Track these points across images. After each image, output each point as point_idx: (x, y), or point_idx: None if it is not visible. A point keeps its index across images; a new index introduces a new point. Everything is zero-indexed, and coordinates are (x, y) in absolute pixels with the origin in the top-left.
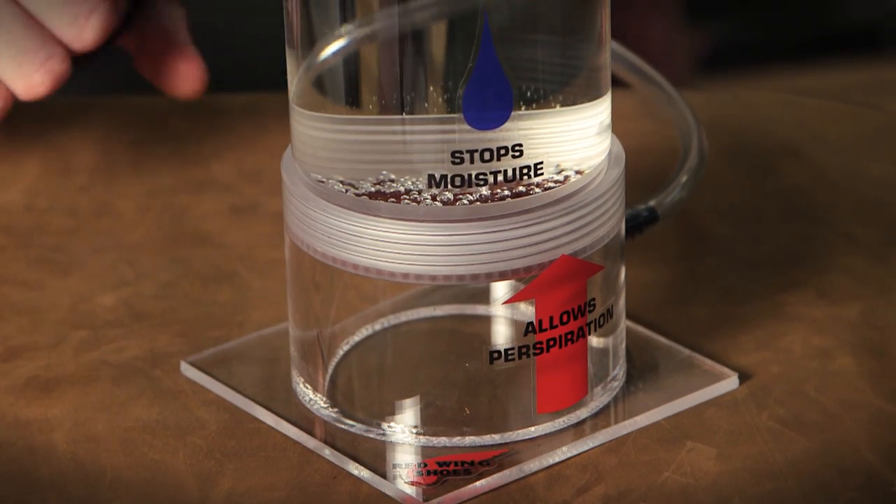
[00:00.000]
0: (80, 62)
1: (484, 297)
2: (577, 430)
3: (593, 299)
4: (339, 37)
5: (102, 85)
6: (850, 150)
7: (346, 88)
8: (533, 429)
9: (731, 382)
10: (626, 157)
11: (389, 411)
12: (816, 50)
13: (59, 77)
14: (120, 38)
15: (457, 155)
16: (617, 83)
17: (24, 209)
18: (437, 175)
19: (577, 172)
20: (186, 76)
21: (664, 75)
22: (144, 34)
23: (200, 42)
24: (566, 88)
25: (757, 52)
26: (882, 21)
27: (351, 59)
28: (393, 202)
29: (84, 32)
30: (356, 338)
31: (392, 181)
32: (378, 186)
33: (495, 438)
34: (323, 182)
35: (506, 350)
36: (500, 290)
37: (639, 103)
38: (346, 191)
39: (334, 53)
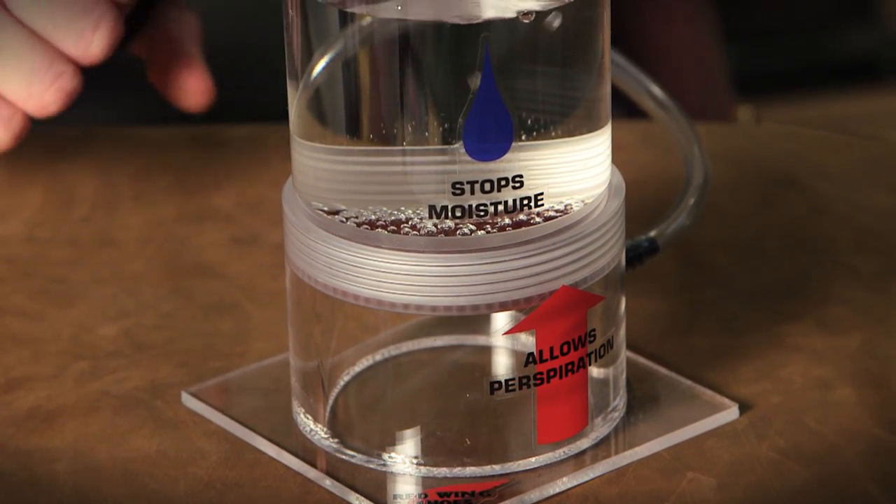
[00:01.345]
0: (89, 69)
1: (484, 327)
2: (578, 460)
3: (594, 330)
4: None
5: (104, 116)
6: (850, 181)
7: (347, 119)
8: (533, 459)
9: (731, 413)
10: (626, 187)
11: (390, 442)
12: (816, 80)
13: (71, 93)
14: (130, 46)
15: (457, 186)
16: (617, 114)
17: (25, 240)
18: (437, 206)
19: (578, 203)
20: (192, 89)
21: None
22: (153, 43)
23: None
24: (566, 119)
25: (756, 83)
26: (881, 51)
27: (351, 90)
28: (394, 233)
29: (91, 47)
30: (357, 368)
31: (393, 212)
32: (379, 217)
33: (496, 469)
34: (324, 213)
35: (506, 380)
36: (501, 320)
37: (639, 134)
38: (347, 221)
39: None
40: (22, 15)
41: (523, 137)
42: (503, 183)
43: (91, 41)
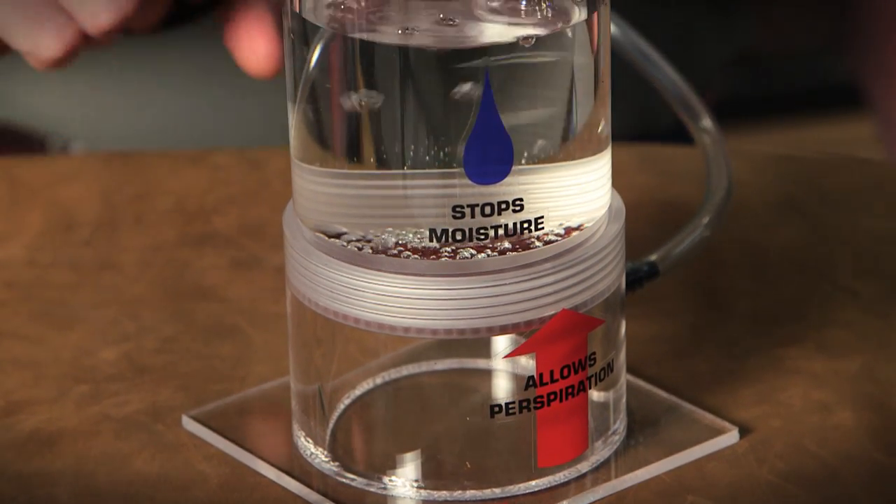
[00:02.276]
0: (174, 21)
1: (485, 350)
2: (578, 484)
3: (594, 353)
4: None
5: (104, 139)
6: (850, 204)
7: (347, 143)
8: (534, 483)
9: (731, 436)
10: (626, 211)
11: (390, 465)
12: (815, 103)
13: (127, 13)
14: (215, 9)
15: (457, 209)
16: (617, 139)
17: (25, 264)
18: (437, 229)
19: (578, 227)
20: (260, 53)
21: None
22: (230, 6)
23: (204, 95)
24: (566, 143)
25: (755, 106)
26: None
27: (352, 114)
28: (394, 256)
29: (99, 15)
30: (357, 392)
31: (393, 235)
32: (379, 240)
33: (496, 492)
34: (324, 236)
35: (506, 404)
36: (501, 343)
37: (639, 158)
38: (348, 245)
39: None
40: None
41: (523, 161)
42: (503, 206)
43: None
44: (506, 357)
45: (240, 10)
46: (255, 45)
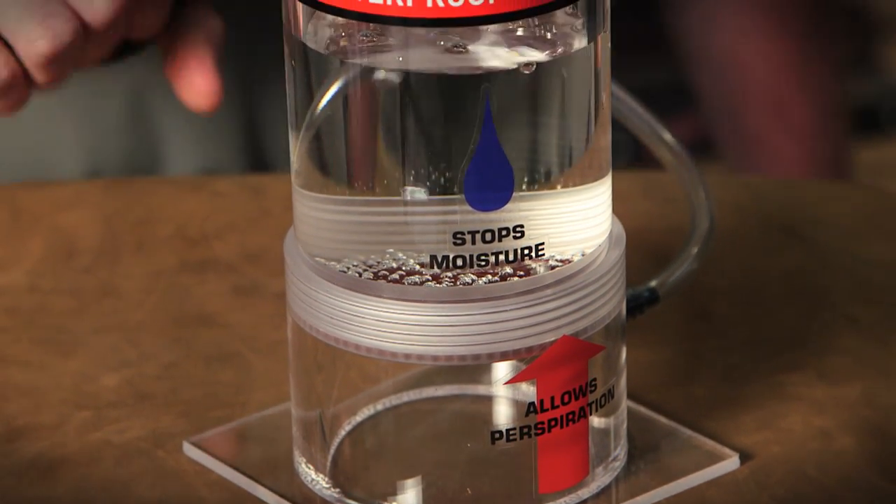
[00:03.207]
0: (110, 60)
1: (485, 376)
2: None
3: (594, 379)
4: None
5: (105, 165)
6: (850, 231)
7: (348, 169)
8: None
9: (732, 463)
10: (627, 237)
11: (391, 492)
12: None
13: (62, 39)
14: (159, 40)
15: (458, 236)
16: (617, 165)
17: (27, 290)
18: (438, 256)
19: (579, 253)
20: (198, 89)
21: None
22: (173, 38)
23: (205, 120)
24: (567, 170)
25: None
26: (882, 101)
27: (353, 141)
28: (395, 282)
29: (95, 3)
30: (358, 418)
31: (394, 262)
32: (380, 267)
33: None
34: (325, 263)
35: (507, 430)
36: (502, 370)
37: (639, 184)
38: (348, 271)
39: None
40: None
41: (524, 187)
42: (504, 233)
43: None
44: (506, 383)
45: (181, 44)
46: (195, 81)
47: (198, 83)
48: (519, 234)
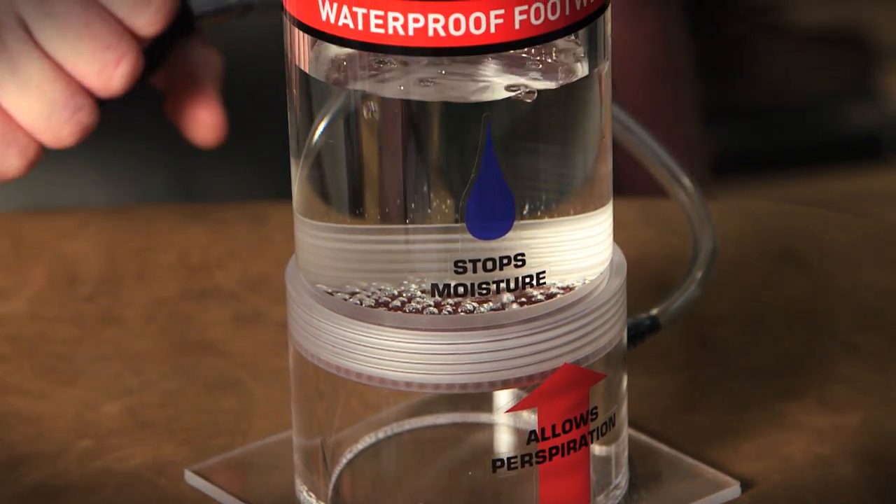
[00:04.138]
0: (106, 101)
1: (486, 404)
2: None
3: (595, 407)
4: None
5: (108, 194)
6: (851, 259)
7: (350, 198)
8: None
9: (733, 491)
10: (628, 265)
11: None
12: (816, 158)
13: (87, 128)
14: (150, 78)
15: (460, 264)
16: (619, 192)
17: (29, 318)
18: (440, 284)
19: (580, 281)
20: (204, 124)
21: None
22: (172, 75)
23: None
24: (568, 198)
25: (757, 160)
26: (882, 129)
27: (354, 169)
28: (396, 311)
29: (112, 81)
30: (359, 446)
31: (395, 290)
32: (381, 295)
33: None
34: (326, 291)
35: (508, 458)
36: (503, 398)
37: (640, 212)
38: (350, 299)
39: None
40: (48, 47)
41: (525, 216)
42: (505, 261)
43: (113, 75)
44: (508, 411)
45: (182, 80)
46: (200, 116)
47: (203, 117)
48: (520, 263)
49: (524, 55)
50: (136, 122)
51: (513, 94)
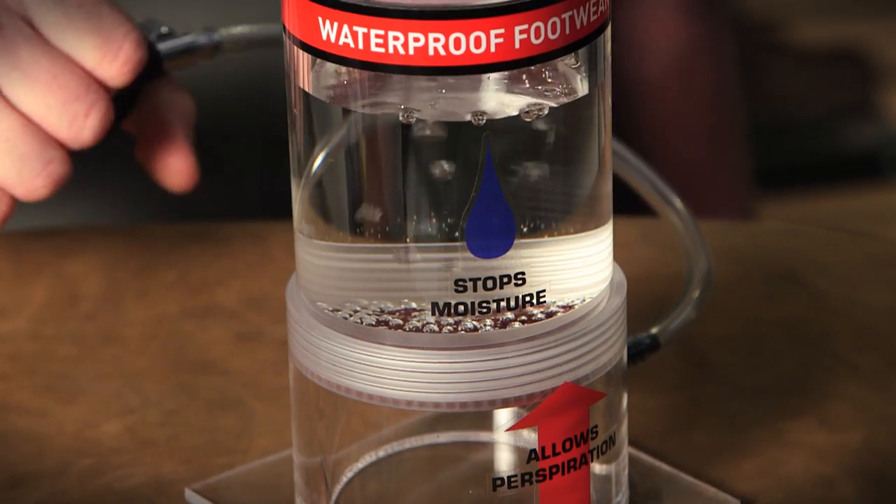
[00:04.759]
0: (78, 151)
1: (487, 423)
2: None
3: (596, 426)
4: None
5: (107, 213)
6: (851, 278)
7: (350, 217)
8: None
9: None
10: (628, 284)
11: None
12: (816, 177)
13: (60, 180)
14: (120, 123)
15: (460, 283)
16: (619, 211)
17: (30, 336)
18: (440, 303)
19: (580, 300)
20: (175, 169)
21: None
22: (143, 120)
23: (207, 169)
24: (568, 217)
25: (757, 179)
26: (882, 148)
27: (354, 188)
28: (397, 329)
29: (83, 132)
30: (360, 465)
31: (396, 309)
32: (382, 314)
33: None
34: (327, 309)
35: (509, 477)
36: (503, 416)
37: (639, 231)
38: (350, 318)
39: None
40: (15, 100)
41: (525, 235)
42: (505, 280)
43: (84, 126)
44: (508, 430)
45: (153, 125)
46: (170, 161)
47: (174, 163)
48: (520, 282)
49: (524, 74)
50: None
51: (513, 113)
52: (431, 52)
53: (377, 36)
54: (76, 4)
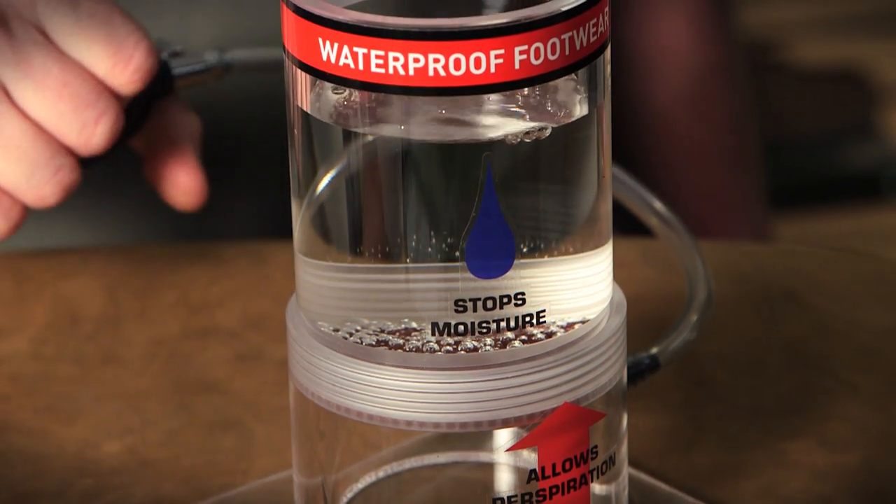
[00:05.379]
0: (88, 163)
1: (487, 443)
2: None
3: (595, 446)
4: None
5: (108, 234)
6: (850, 299)
7: (350, 237)
8: None
9: None
10: (628, 304)
11: None
12: (816, 197)
13: (70, 187)
14: (130, 140)
15: (460, 303)
16: (619, 231)
17: (30, 357)
18: (440, 323)
19: (580, 320)
20: (184, 186)
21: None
22: (151, 138)
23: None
24: (568, 237)
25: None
26: (882, 168)
27: (354, 208)
28: (397, 349)
29: (92, 139)
30: (360, 485)
31: (396, 329)
32: (382, 334)
33: None
34: (327, 329)
35: (509, 497)
36: (503, 437)
37: (639, 251)
38: (350, 338)
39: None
40: (26, 107)
41: (525, 255)
42: (505, 300)
43: (93, 134)
44: (508, 450)
45: (160, 144)
46: (179, 180)
47: (183, 181)
48: (520, 302)
49: (524, 95)
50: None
51: (513, 133)
52: (431, 73)
53: (377, 57)
54: (88, 12)
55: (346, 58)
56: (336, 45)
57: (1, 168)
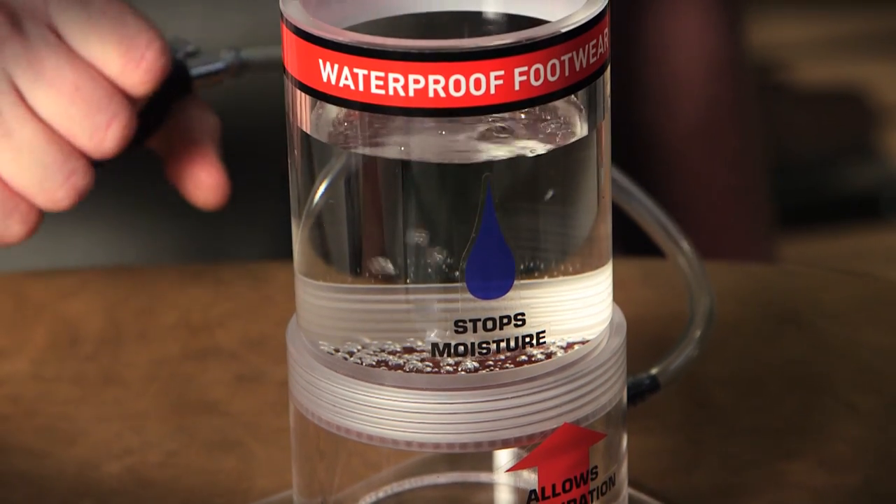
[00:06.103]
0: (103, 163)
1: (487, 464)
2: None
3: (595, 467)
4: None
5: (108, 254)
6: (850, 319)
7: (350, 257)
8: None
9: None
10: (627, 324)
11: None
12: (816, 218)
13: (82, 190)
14: (148, 141)
15: (460, 324)
16: (619, 251)
17: (30, 378)
18: (440, 343)
19: (579, 341)
20: (206, 184)
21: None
22: (171, 138)
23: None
24: (568, 258)
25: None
26: (881, 189)
27: (354, 229)
28: (396, 370)
29: (105, 142)
30: None
31: (395, 349)
32: (382, 354)
33: None
34: (327, 350)
35: None
36: (503, 457)
37: (639, 272)
38: (350, 359)
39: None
40: (38, 110)
41: (525, 275)
42: (505, 321)
43: (105, 137)
44: (508, 471)
45: (181, 143)
46: (201, 178)
47: (205, 180)
48: (520, 322)
49: (524, 116)
50: (138, 182)
51: (512, 154)
52: (431, 94)
53: (377, 78)
54: (100, 11)
55: (346, 79)
56: (336, 66)
57: (14, 172)
